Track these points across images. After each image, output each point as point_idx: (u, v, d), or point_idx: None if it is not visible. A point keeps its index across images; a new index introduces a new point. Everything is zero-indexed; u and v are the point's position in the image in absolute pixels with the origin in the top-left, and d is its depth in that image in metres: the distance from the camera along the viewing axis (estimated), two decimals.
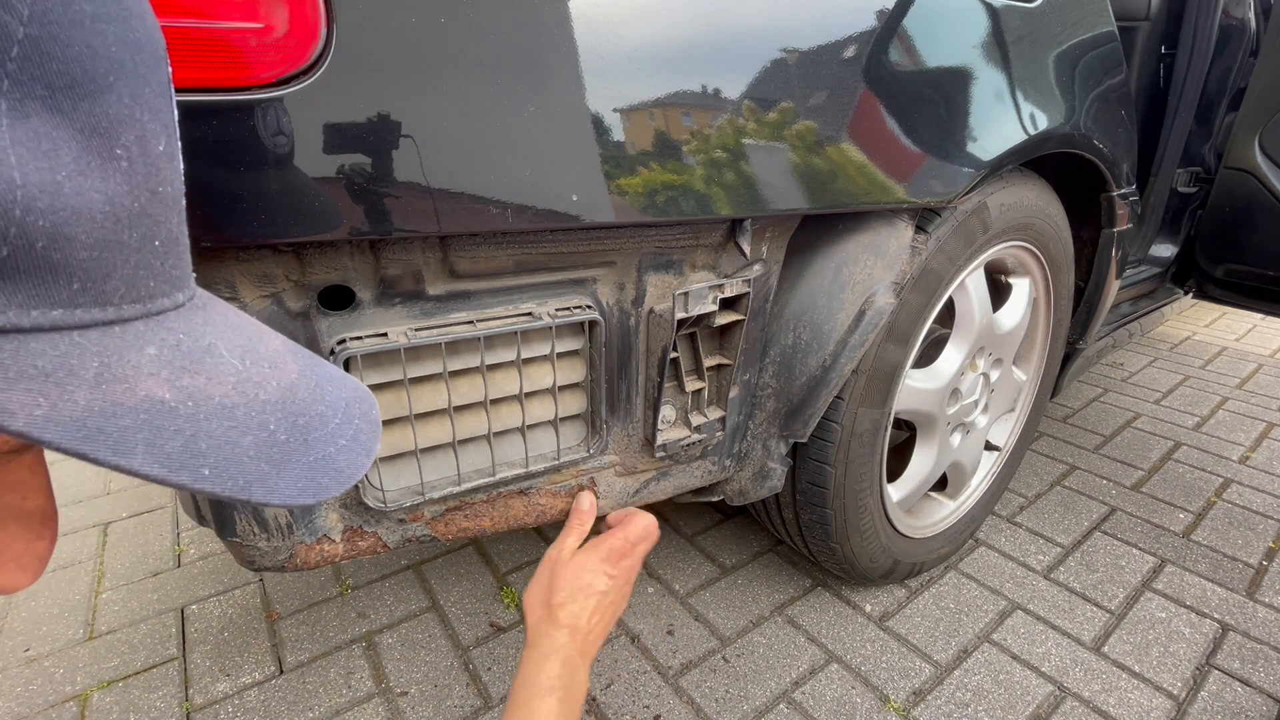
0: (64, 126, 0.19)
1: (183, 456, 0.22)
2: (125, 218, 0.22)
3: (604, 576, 0.76)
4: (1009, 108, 0.92)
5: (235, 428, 0.25)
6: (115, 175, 0.21)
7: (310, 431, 0.28)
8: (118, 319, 0.22)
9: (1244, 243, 1.62)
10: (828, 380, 0.88)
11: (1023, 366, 1.34)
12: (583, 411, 0.80)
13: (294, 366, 0.30)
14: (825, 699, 1.06)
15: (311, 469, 0.27)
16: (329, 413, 0.30)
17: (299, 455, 0.27)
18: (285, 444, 0.27)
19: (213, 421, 0.24)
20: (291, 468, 0.26)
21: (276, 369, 0.29)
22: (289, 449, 0.27)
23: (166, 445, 0.22)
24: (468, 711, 1.04)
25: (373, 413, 0.34)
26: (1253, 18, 1.68)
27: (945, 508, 1.32)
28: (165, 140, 0.24)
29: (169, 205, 0.24)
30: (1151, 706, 1.05)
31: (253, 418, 0.26)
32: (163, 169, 0.24)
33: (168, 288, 0.25)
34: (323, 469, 0.28)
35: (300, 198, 0.51)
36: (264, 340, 0.30)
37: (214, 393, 0.25)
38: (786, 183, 0.73)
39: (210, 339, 0.26)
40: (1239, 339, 2.65)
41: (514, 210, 0.59)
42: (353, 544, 0.74)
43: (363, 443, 0.31)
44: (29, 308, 0.19)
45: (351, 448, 0.30)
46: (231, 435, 0.24)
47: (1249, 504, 1.58)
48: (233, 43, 0.46)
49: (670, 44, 0.63)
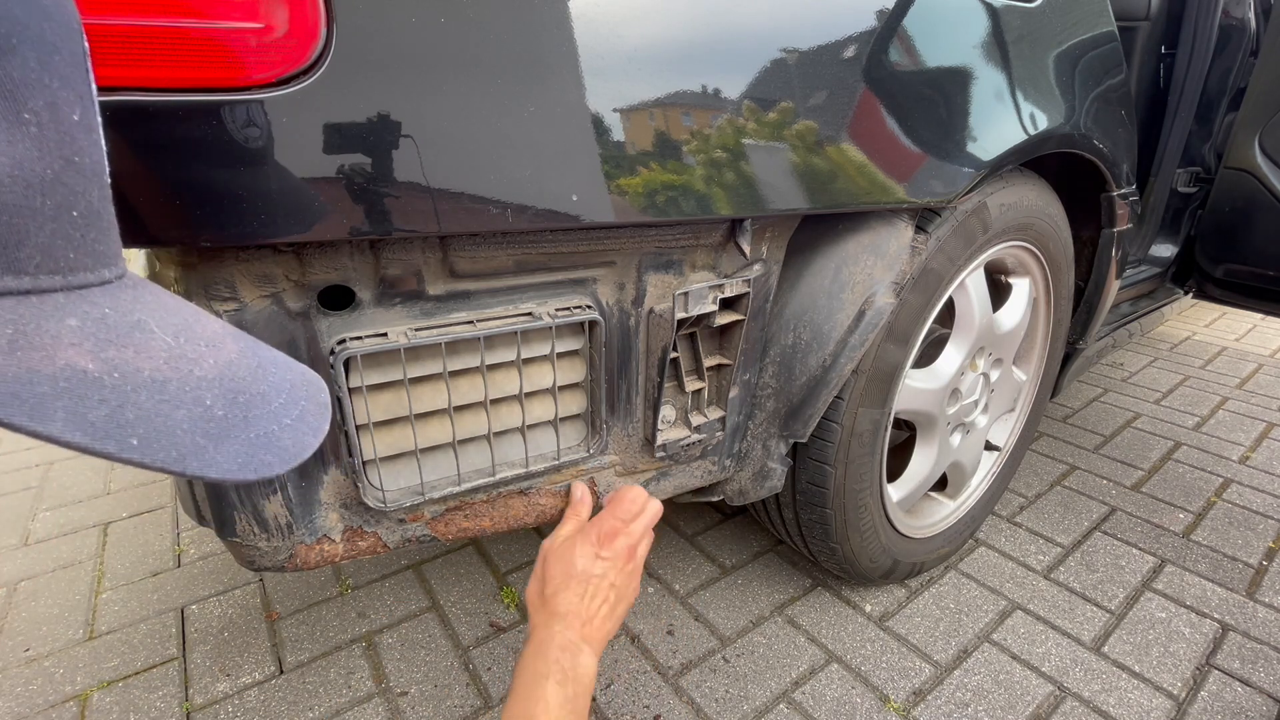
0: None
1: (108, 426, 0.22)
2: (37, 184, 0.22)
3: (595, 560, 0.75)
4: (1009, 108, 0.92)
5: (167, 401, 0.25)
6: (24, 140, 0.21)
7: (251, 409, 0.28)
8: (34, 289, 0.22)
9: (1244, 243, 1.62)
10: (828, 380, 0.88)
11: (1023, 366, 1.34)
12: (583, 411, 0.80)
13: (234, 347, 0.31)
14: (825, 699, 1.06)
15: (252, 445, 0.27)
16: (271, 392, 0.30)
17: (238, 431, 0.27)
18: (223, 420, 0.27)
19: (141, 394, 0.24)
20: (230, 443, 0.26)
21: (214, 348, 0.29)
22: (227, 424, 0.27)
23: (90, 414, 0.22)
24: (468, 711, 1.04)
25: (321, 396, 0.34)
26: (1253, 18, 1.68)
27: (945, 508, 1.32)
28: (81, 111, 0.24)
29: (88, 177, 0.24)
30: (1151, 706, 1.05)
31: (187, 393, 0.26)
32: (78, 139, 0.24)
33: (90, 261, 0.25)
34: (265, 446, 0.28)
35: (300, 198, 0.51)
36: (202, 321, 0.30)
37: (143, 366, 0.25)
38: (786, 183, 0.73)
39: (140, 316, 0.26)
40: (1239, 339, 2.65)
41: (514, 210, 0.59)
42: (353, 544, 0.74)
43: (309, 423, 0.31)
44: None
45: (297, 427, 0.30)
46: (163, 409, 0.25)
47: (1249, 504, 1.58)
48: (232, 43, 0.46)
49: (670, 44, 0.63)
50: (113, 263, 0.26)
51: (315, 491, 0.70)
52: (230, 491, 0.65)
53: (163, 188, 0.48)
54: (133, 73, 0.45)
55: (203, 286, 0.57)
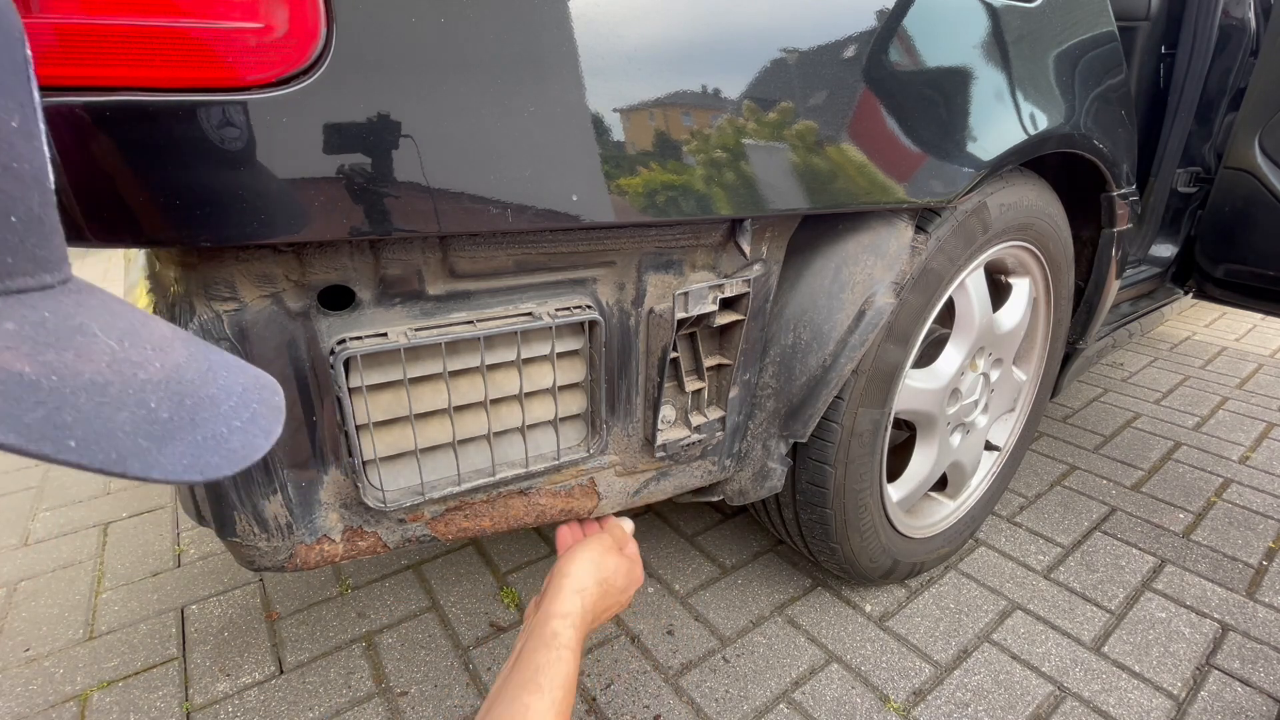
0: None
1: (44, 428, 0.22)
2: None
3: (630, 584, 0.81)
4: (1009, 108, 0.92)
5: (108, 404, 0.25)
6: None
7: (198, 412, 0.28)
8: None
9: (1244, 243, 1.62)
10: (828, 380, 0.88)
11: (1023, 366, 1.34)
12: (583, 411, 0.80)
13: (182, 351, 0.31)
14: (825, 699, 1.06)
15: (199, 447, 0.27)
16: (221, 395, 0.30)
17: (184, 433, 0.27)
18: (168, 422, 0.27)
19: (80, 396, 0.24)
20: (175, 444, 0.27)
21: (161, 352, 0.29)
22: (172, 427, 0.27)
23: (25, 416, 0.22)
24: (468, 711, 1.04)
25: (274, 399, 0.34)
26: (1253, 18, 1.68)
27: (945, 508, 1.32)
28: (20, 118, 0.24)
29: (27, 183, 0.25)
30: (1151, 706, 1.05)
31: (129, 395, 0.26)
32: (16, 145, 0.24)
33: (31, 267, 0.25)
34: (212, 448, 0.28)
35: (300, 198, 0.51)
36: (149, 326, 0.30)
37: (84, 369, 0.25)
38: (786, 183, 0.73)
39: (83, 320, 0.26)
40: (1239, 339, 2.65)
41: (514, 210, 0.59)
42: (353, 544, 0.74)
43: (261, 425, 0.31)
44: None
45: (247, 429, 0.30)
46: (104, 411, 0.25)
47: (1249, 504, 1.58)
48: (232, 43, 0.46)
49: (670, 44, 0.63)
50: (55, 268, 0.26)
51: (315, 491, 0.70)
52: (230, 492, 0.65)
53: (163, 188, 0.48)
54: (133, 73, 0.45)
55: (203, 286, 0.57)
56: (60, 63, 0.44)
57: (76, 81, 0.44)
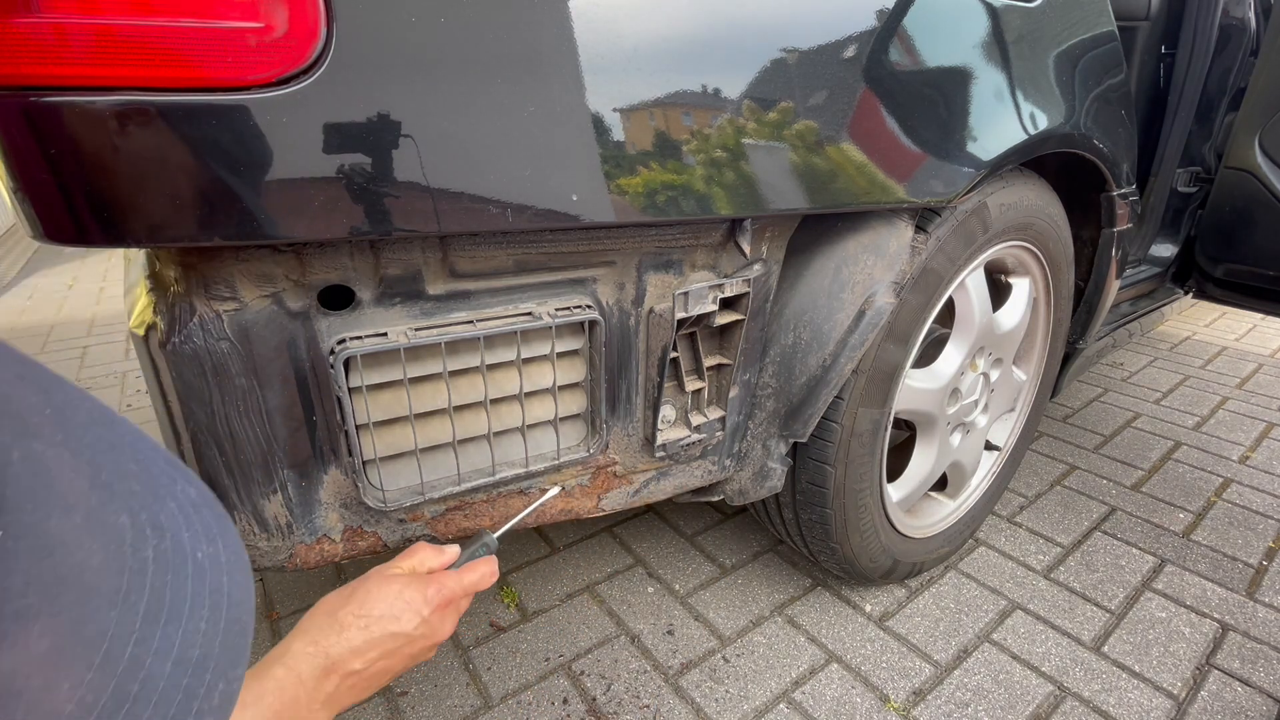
0: None
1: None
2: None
3: (420, 623, 0.58)
4: (1009, 107, 0.92)
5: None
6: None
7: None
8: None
9: (1244, 242, 1.62)
10: (828, 380, 0.88)
11: (1023, 366, 1.34)
12: (583, 411, 0.81)
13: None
14: (825, 699, 1.06)
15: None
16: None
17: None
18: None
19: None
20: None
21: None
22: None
23: None
24: (468, 711, 1.04)
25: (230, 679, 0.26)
26: (1253, 18, 1.68)
27: (945, 507, 1.32)
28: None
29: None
30: (1151, 706, 1.05)
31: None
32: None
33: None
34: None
35: (300, 197, 0.51)
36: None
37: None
38: (786, 182, 0.73)
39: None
40: (1239, 339, 2.65)
41: (514, 210, 0.59)
42: (353, 544, 0.74)
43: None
44: None
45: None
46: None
47: (1249, 504, 1.58)
48: (232, 43, 0.46)
49: (670, 44, 0.63)
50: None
51: (315, 491, 0.70)
52: (230, 491, 0.65)
53: (162, 187, 0.48)
54: (133, 73, 0.45)
55: (203, 286, 0.57)
56: (60, 63, 0.44)
57: (77, 81, 0.44)
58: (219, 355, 0.59)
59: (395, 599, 0.57)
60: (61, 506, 0.23)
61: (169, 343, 0.57)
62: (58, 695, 0.22)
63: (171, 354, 0.57)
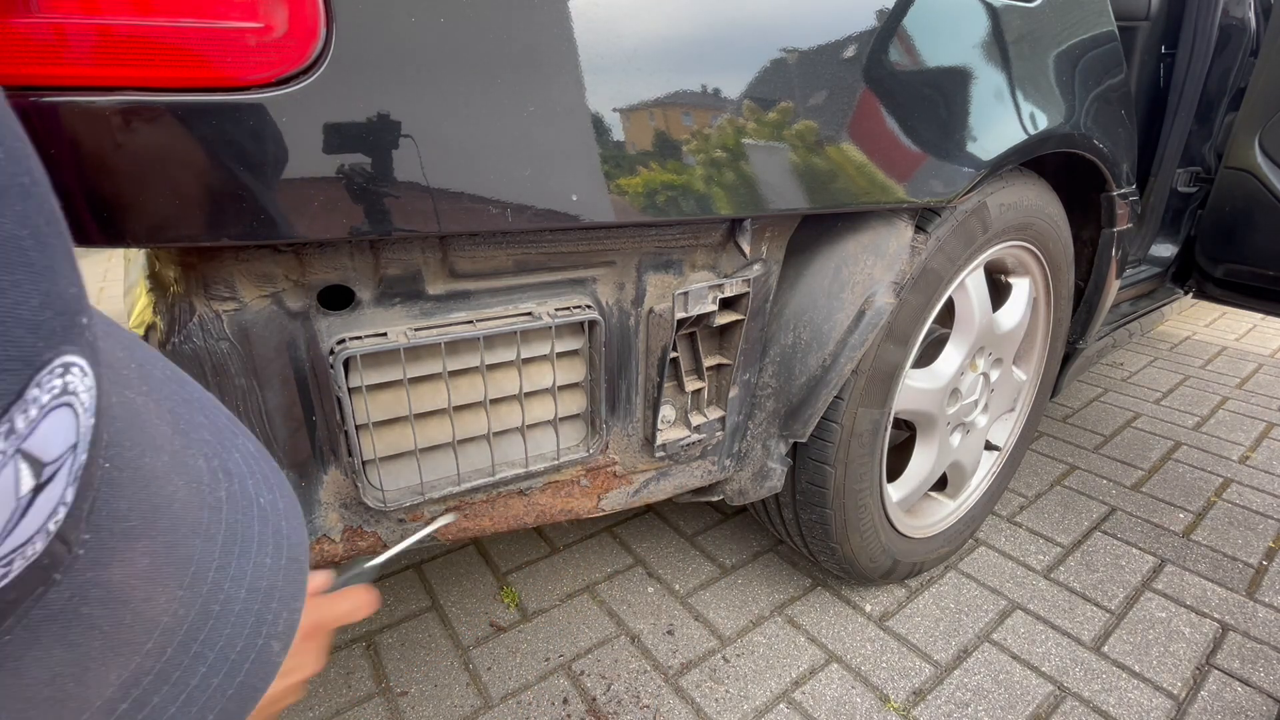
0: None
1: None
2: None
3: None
4: (1009, 107, 0.92)
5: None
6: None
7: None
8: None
9: (1244, 242, 1.62)
10: (827, 380, 0.88)
11: (1023, 366, 1.34)
12: (582, 411, 0.80)
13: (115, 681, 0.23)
14: (825, 699, 1.06)
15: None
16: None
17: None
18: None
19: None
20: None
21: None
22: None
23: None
24: (468, 711, 1.04)
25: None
26: (1253, 18, 1.68)
27: (945, 508, 1.32)
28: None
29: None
30: (1151, 706, 1.05)
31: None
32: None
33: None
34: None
35: (300, 198, 0.51)
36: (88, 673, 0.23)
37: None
38: (786, 182, 0.73)
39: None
40: (1239, 339, 2.65)
41: (514, 210, 0.59)
42: (353, 544, 0.74)
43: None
44: None
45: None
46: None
47: (1249, 504, 1.58)
48: (232, 43, 0.46)
49: (670, 43, 0.63)
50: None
51: (315, 491, 0.70)
52: None
53: (162, 187, 0.48)
54: (133, 73, 0.45)
55: (202, 286, 0.57)
56: (60, 63, 0.44)
57: (76, 81, 0.44)
58: (219, 355, 0.59)
59: None
60: (152, 446, 0.26)
61: (169, 343, 0.57)
62: (156, 606, 0.24)
63: (171, 354, 0.57)
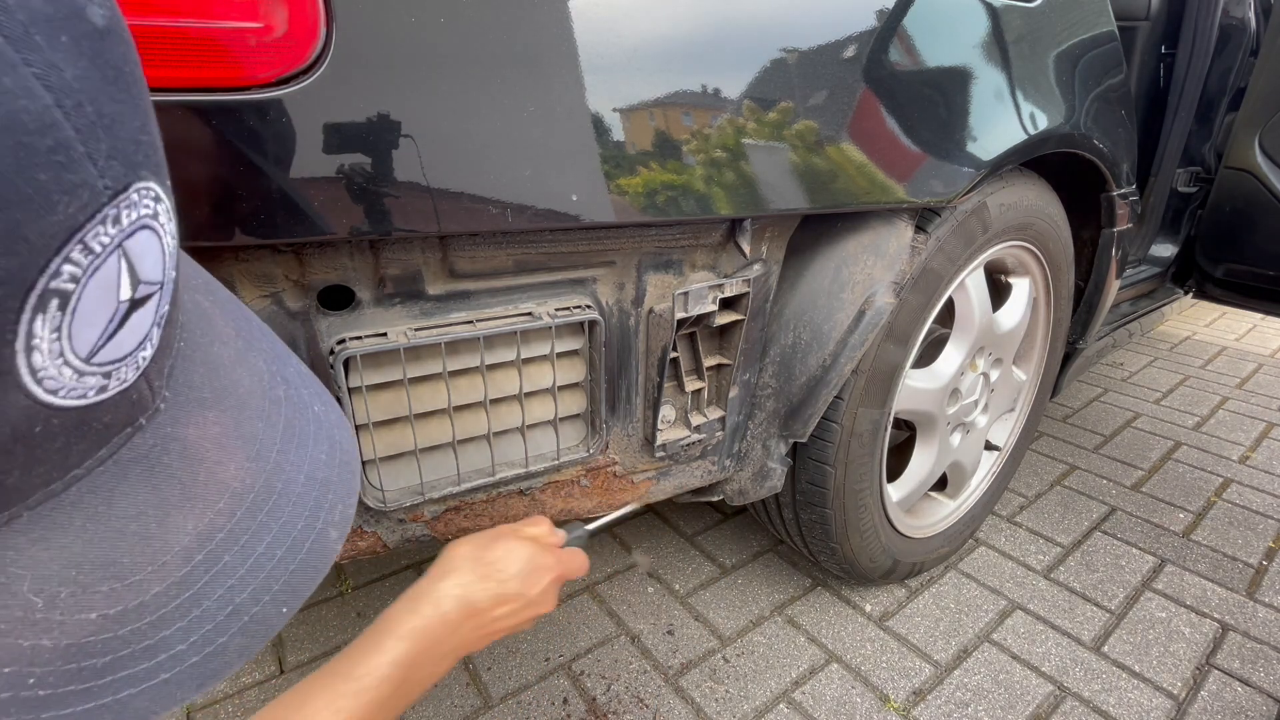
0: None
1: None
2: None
3: (543, 585, 0.63)
4: (1009, 107, 0.92)
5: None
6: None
7: (100, 676, 0.23)
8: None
9: (1244, 242, 1.62)
10: (827, 380, 0.88)
11: (1023, 366, 1.34)
12: (582, 411, 0.80)
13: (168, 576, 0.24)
14: (825, 699, 1.06)
15: (89, 715, 0.23)
16: (175, 637, 0.25)
17: (72, 702, 0.22)
18: (43, 700, 0.22)
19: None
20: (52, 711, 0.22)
21: (121, 591, 0.23)
22: (46, 703, 0.22)
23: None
24: (468, 711, 1.04)
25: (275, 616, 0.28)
26: (1253, 17, 1.68)
27: (945, 507, 1.32)
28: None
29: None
30: (1151, 706, 1.05)
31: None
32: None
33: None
34: (105, 712, 0.23)
35: (300, 198, 0.51)
36: (144, 547, 0.24)
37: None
38: (786, 182, 0.73)
39: (17, 570, 0.21)
40: (1239, 339, 2.65)
41: (514, 210, 0.59)
42: (352, 544, 0.74)
43: (210, 665, 0.25)
44: None
45: (181, 679, 0.25)
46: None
47: (1249, 504, 1.58)
48: (232, 42, 0.46)
49: (670, 43, 0.63)
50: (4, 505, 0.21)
51: None
52: None
53: None
54: None
55: None
56: None
57: None
58: None
59: (529, 562, 0.62)
60: (220, 339, 0.29)
61: None
62: (226, 471, 0.26)
63: None
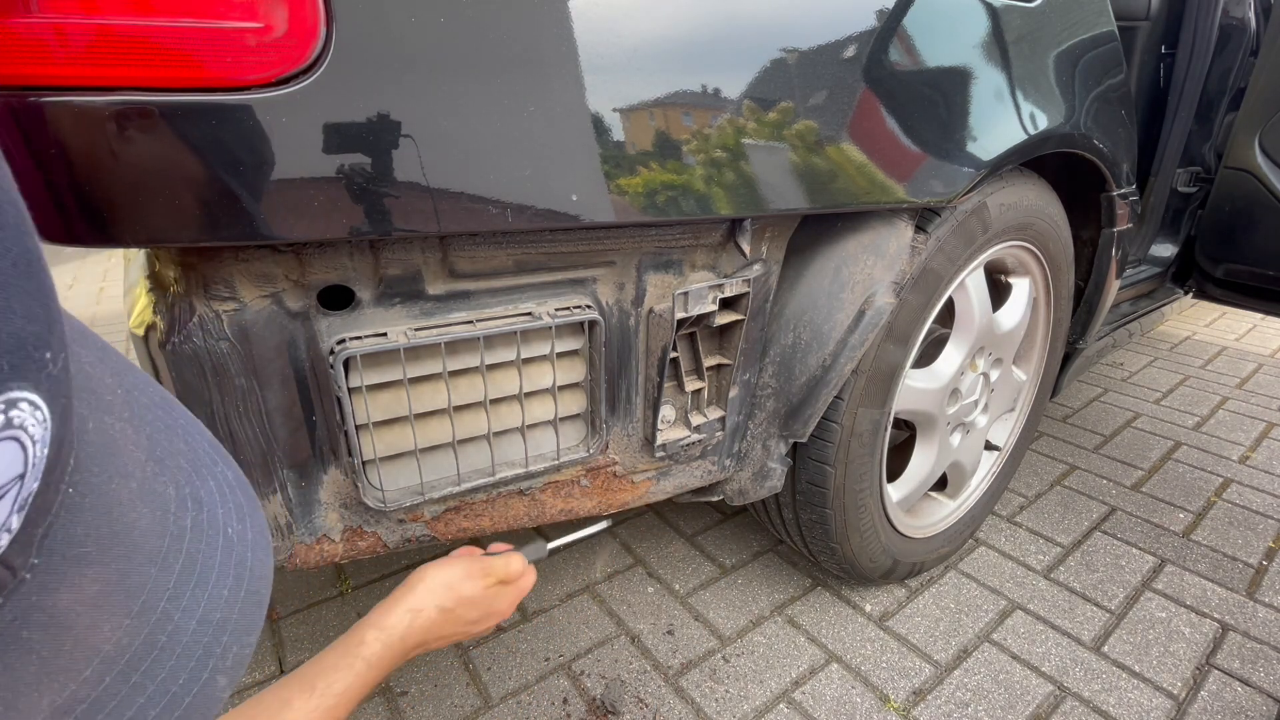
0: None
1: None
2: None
3: (485, 625, 0.70)
4: (1009, 107, 0.92)
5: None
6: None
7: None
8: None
9: (1244, 242, 1.62)
10: (827, 380, 0.88)
11: (1023, 366, 1.34)
12: (582, 411, 0.80)
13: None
14: (825, 699, 1.06)
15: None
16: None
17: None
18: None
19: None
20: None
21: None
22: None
23: None
24: (468, 711, 1.04)
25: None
26: (1253, 17, 1.68)
27: (945, 507, 1.32)
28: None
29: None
30: (1151, 706, 1.05)
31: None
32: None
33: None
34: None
35: (300, 198, 0.51)
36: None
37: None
38: (786, 182, 0.73)
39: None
40: (1239, 339, 2.65)
41: (514, 210, 0.59)
42: (352, 544, 0.74)
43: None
44: None
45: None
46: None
47: (1249, 504, 1.58)
48: (232, 43, 0.46)
49: (670, 43, 0.63)
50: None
51: (315, 491, 0.70)
52: None
53: (161, 187, 0.48)
54: (133, 73, 0.45)
55: (202, 286, 0.57)
56: (59, 63, 0.44)
57: (76, 81, 0.44)
58: (218, 355, 0.59)
59: (487, 607, 0.69)
60: (121, 473, 0.26)
61: (168, 343, 0.57)
62: (99, 634, 0.24)
63: (171, 354, 0.57)
